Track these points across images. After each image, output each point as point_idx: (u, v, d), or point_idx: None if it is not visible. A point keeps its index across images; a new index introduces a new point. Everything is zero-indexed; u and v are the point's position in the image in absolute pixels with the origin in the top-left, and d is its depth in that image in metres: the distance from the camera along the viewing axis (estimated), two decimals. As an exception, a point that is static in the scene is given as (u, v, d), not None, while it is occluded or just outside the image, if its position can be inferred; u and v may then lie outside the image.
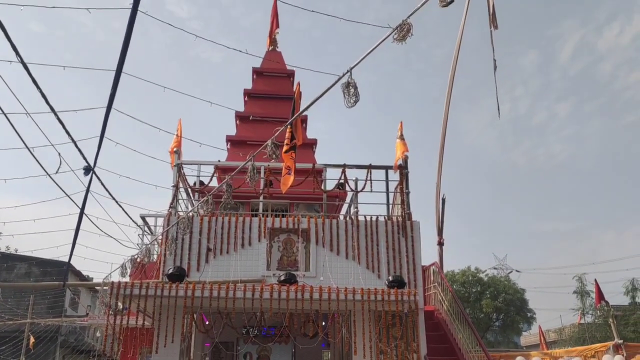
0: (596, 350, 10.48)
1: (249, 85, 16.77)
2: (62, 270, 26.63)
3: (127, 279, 9.67)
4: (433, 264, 12.07)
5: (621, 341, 10.27)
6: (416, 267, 9.76)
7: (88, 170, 5.80)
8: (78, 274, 27.82)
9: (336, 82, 4.04)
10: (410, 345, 9.24)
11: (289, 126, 7.60)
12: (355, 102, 3.98)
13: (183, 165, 10.38)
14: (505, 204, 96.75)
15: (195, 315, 9.27)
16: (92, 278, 27.65)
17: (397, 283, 8.79)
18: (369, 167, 10.32)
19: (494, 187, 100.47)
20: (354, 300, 8.45)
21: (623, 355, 9.85)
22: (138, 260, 9.87)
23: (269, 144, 5.16)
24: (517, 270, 42.13)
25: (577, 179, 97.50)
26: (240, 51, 9.96)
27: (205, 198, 6.33)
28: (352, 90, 3.96)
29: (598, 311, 29.61)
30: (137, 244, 12.73)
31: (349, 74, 3.84)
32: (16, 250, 31.27)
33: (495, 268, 42.43)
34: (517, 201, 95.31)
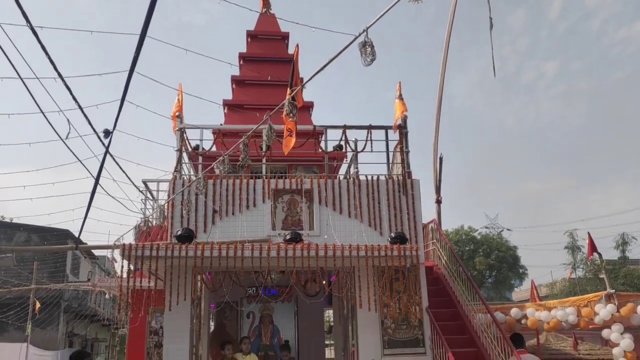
0: (589, 300, 10.75)
1: (238, 46, 16.70)
2: (60, 236, 26.96)
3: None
4: (431, 222, 12.37)
5: (613, 291, 10.56)
6: (417, 223, 10.03)
7: (107, 133, 5.90)
8: (76, 240, 28.04)
9: (352, 41, 4.17)
10: (412, 298, 9.61)
11: (289, 88, 7.72)
12: (372, 60, 4.13)
13: (186, 129, 10.49)
14: (495, 163, 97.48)
15: (203, 276, 9.56)
16: (86, 243, 27.97)
17: (400, 239, 9.08)
18: (369, 128, 10.48)
19: (484, 148, 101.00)
20: (357, 256, 8.74)
21: (615, 304, 10.21)
22: (153, 223, 10.05)
23: (287, 103, 5.30)
24: (508, 229, 42.93)
25: (566, 138, 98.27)
26: (240, 6, 9.91)
27: (221, 158, 6.48)
28: (369, 49, 4.11)
29: (589, 263, 30.32)
30: (140, 209, 12.92)
31: (365, 33, 3.99)
32: (11, 220, 31.39)
33: (487, 227, 43.19)
34: (507, 161, 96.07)
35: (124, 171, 10.82)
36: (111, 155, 8.34)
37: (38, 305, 22.79)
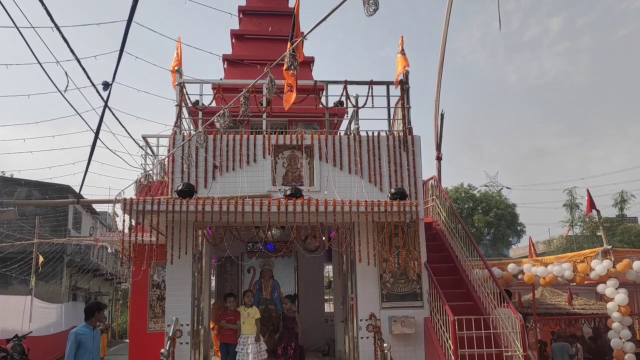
0: (585, 256, 10.85)
1: (237, 1, 16.31)
2: (61, 190, 27.10)
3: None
4: (431, 178, 12.40)
5: (610, 247, 10.64)
6: (417, 180, 10.03)
7: (106, 85, 5.81)
8: (77, 195, 28.14)
9: (355, -9, 4.09)
10: (411, 253, 9.73)
11: (289, 42, 7.59)
12: (375, 10, 4.04)
13: (185, 84, 10.37)
14: (497, 120, 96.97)
15: (204, 231, 9.65)
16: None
17: (400, 195, 9.11)
18: (370, 83, 10.36)
19: (485, 105, 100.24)
20: (357, 212, 8.79)
21: (611, 260, 10.31)
22: (154, 178, 10.03)
23: (287, 56, 5.22)
24: (507, 187, 43.03)
25: (568, 95, 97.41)
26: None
27: (221, 111, 6.42)
28: (372, -2, 4.01)
29: (587, 220, 30.50)
30: (141, 164, 12.94)
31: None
32: (12, 175, 31.42)
33: (486, 186, 43.31)
34: (509, 118, 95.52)
35: (123, 125, 10.79)
36: (110, 109, 8.29)
37: (41, 259, 23.02)
